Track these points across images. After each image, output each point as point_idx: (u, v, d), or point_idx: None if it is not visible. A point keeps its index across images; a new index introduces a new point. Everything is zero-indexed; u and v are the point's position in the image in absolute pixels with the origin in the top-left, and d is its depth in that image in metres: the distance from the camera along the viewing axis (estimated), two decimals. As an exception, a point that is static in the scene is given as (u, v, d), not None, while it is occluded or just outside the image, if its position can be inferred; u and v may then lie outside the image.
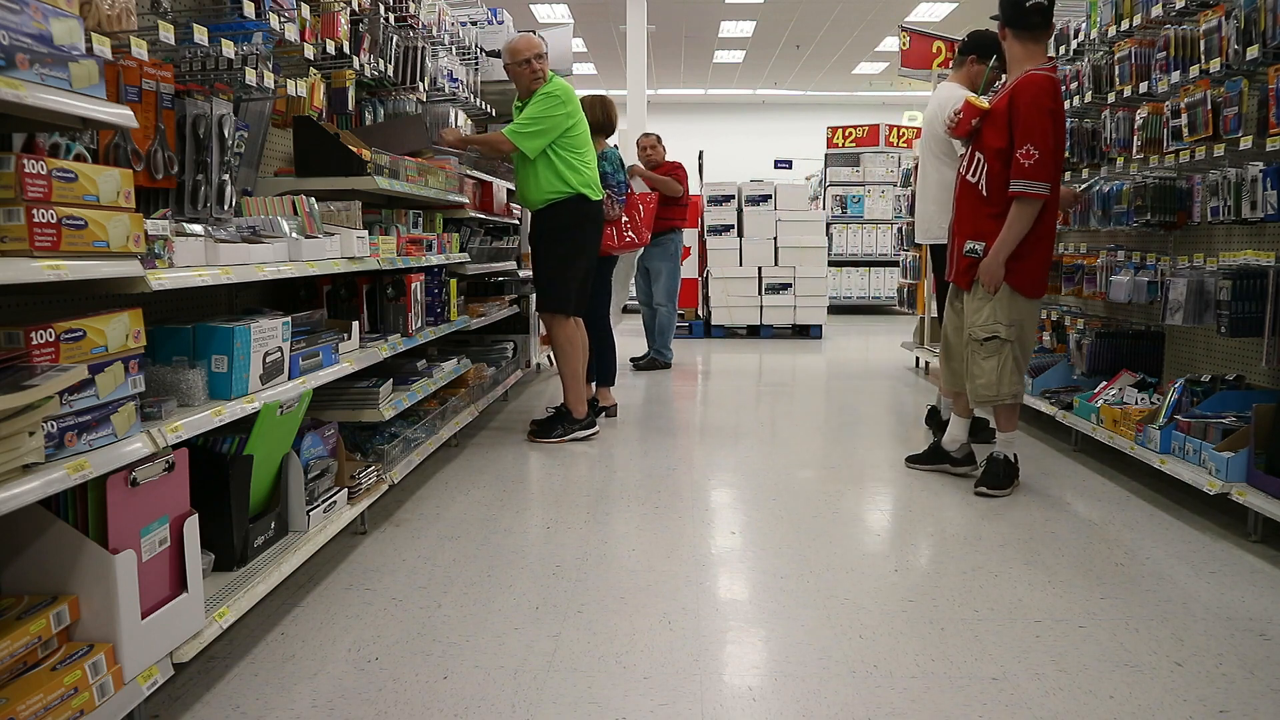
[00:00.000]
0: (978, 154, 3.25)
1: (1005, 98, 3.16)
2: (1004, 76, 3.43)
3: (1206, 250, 3.50)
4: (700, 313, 8.83)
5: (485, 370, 4.45)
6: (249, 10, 2.52)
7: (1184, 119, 3.32)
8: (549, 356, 6.70)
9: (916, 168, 4.71)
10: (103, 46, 1.79)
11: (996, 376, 3.23)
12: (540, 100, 3.99)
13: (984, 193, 3.22)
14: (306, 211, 2.64)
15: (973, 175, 3.26)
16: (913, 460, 3.71)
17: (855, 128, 11.79)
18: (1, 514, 1.34)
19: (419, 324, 3.46)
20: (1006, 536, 2.88)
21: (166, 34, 2.15)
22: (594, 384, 4.87)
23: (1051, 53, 4.66)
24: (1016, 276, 3.20)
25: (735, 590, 2.49)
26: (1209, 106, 3.18)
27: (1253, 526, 2.84)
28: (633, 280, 6.62)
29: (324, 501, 2.50)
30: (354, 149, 3.04)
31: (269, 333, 2.19)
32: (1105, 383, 3.94)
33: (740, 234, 8.76)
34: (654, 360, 6.67)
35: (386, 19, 3.62)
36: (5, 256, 1.44)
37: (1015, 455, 3.40)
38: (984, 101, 3.26)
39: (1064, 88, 4.42)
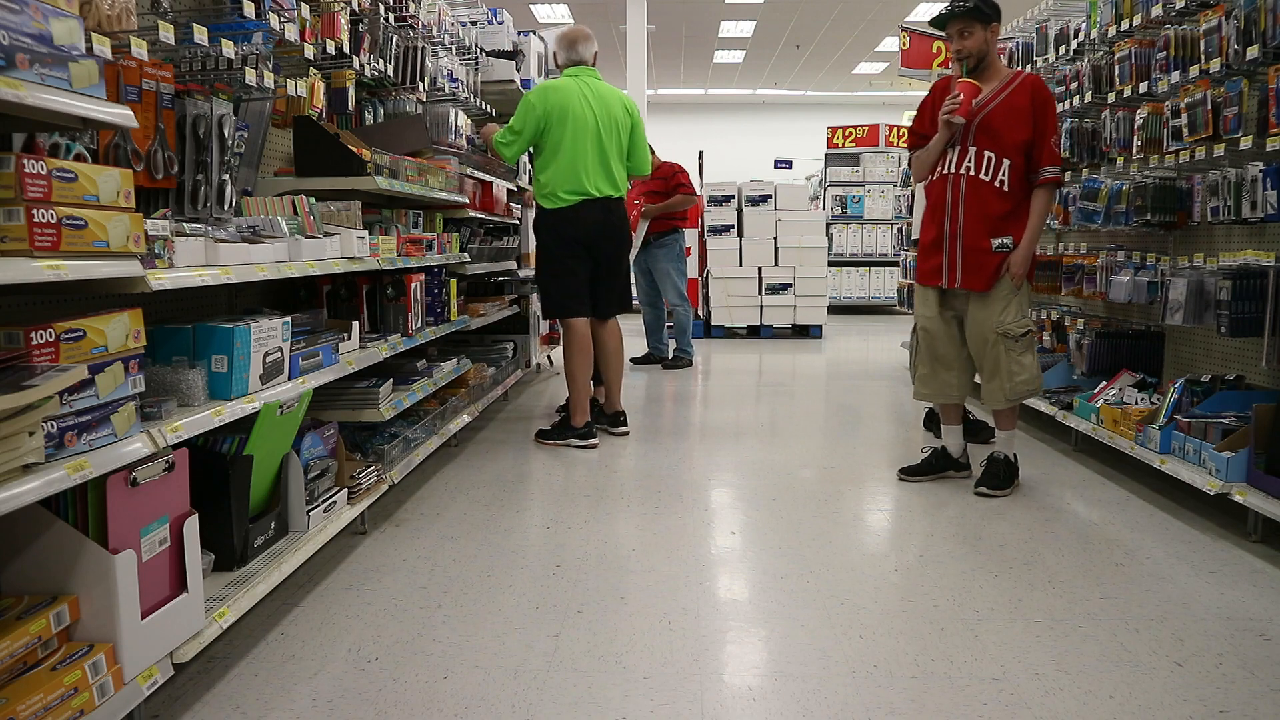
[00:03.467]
0: (988, 152, 3.18)
1: (1025, 92, 3.17)
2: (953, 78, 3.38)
3: (1206, 250, 3.49)
4: (700, 313, 8.83)
5: (485, 370, 4.45)
6: (249, 10, 2.52)
7: (1184, 119, 3.32)
8: (549, 357, 6.72)
9: None
10: (103, 46, 1.79)
11: (1036, 369, 3.27)
12: (519, 105, 4.03)
13: (1005, 189, 3.18)
14: (306, 211, 2.64)
15: (986, 174, 3.19)
16: (909, 473, 3.55)
17: (855, 128, 11.78)
18: (1, 514, 1.34)
19: (419, 324, 3.46)
20: (1006, 536, 2.88)
21: (166, 34, 2.15)
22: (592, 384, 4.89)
23: (1051, 53, 4.68)
24: (1031, 266, 3.26)
25: (735, 590, 2.49)
26: (1209, 106, 3.18)
27: (1253, 526, 2.84)
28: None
29: (324, 501, 2.50)
30: (354, 149, 3.04)
31: (269, 333, 2.19)
32: (1105, 383, 3.94)
33: (740, 234, 8.76)
34: (678, 358, 6.72)
35: (386, 19, 3.62)
36: (5, 256, 1.44)
37: (1015, 455, 3.40)
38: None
39: (1064, 88, 4.44)
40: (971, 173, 3.22)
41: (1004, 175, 3.17)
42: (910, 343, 3.55)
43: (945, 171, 3.27)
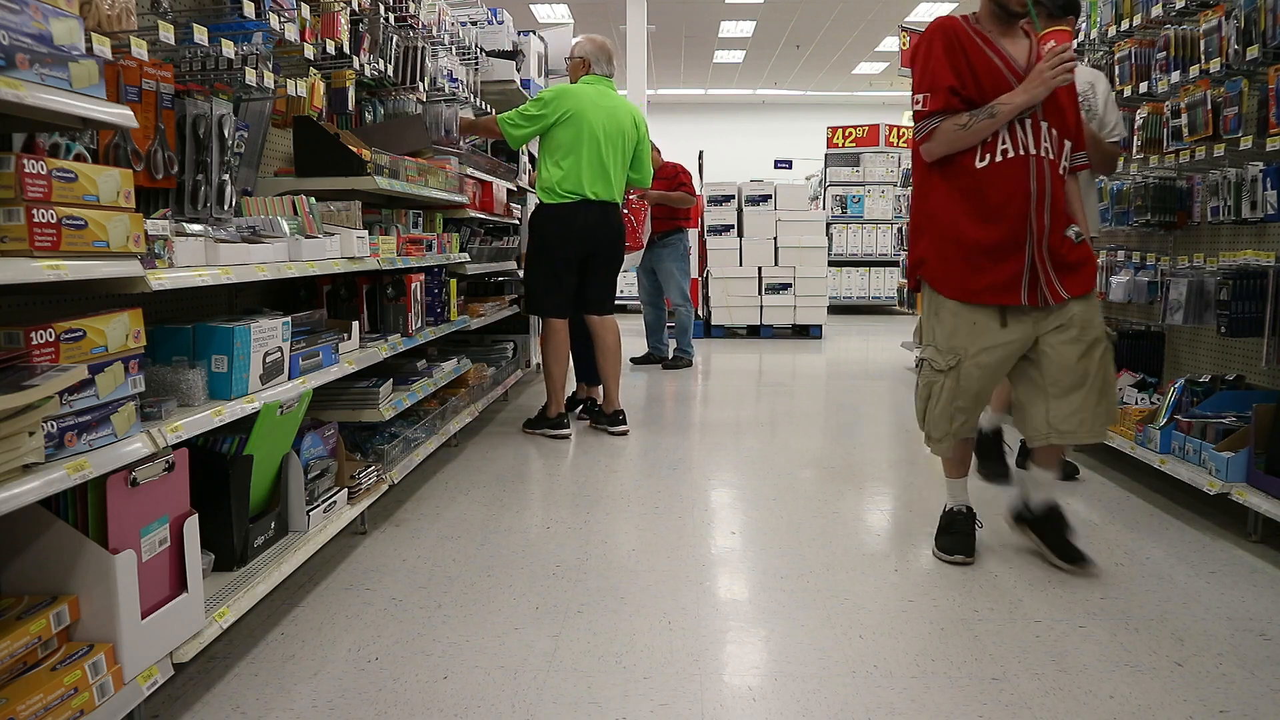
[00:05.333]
0: (1054, 130, 2.50)
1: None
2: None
3: (1206, 250, 3.50)
4: (700, 313, 8.84)
5: (485, 370, 4.45)
6: (249, 10, 2.52)
7: (1184, 119, 3.33)
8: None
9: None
10: (103, 46, 1.79)
11: None
12: (536, 96, 4.26)
13: (1065, 177, 2.56)
14: (306, 211, 2.64)
15: (1058, 155, 2.51)
16: (951, 551, 2.69)
17: (855, 128, 11.80)
18: (1, 514, 1.34)
19: (419, 324, 3.46)
20: (1006, 536, 2.88)
21: (166, 34, 2.15)
22: (584, 383, 4.90)
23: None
24: None
25: (735, 590, 2.49)
26: (1209, 106, 3.18)
27: (1253, 526, 2.84)
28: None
29: (324, 501, 2.50)
30: (354, 149, 3.04)
31: (269, 333, 2.19)
32: (1105, 383, 3.94)
33: (740, 234, 8.77)
34: (679, 358, 6.73)
35: (386, 19, 3.62)
36: (5, 256, 1.44)
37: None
38: None
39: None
40: (1051, 156, 2.49)
41: (1065, 161, 2.54)
42: (934, 389, 2.59)
43: (1019, 151, 2.46)
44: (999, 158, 2.48)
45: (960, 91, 2.47)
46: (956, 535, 2.70)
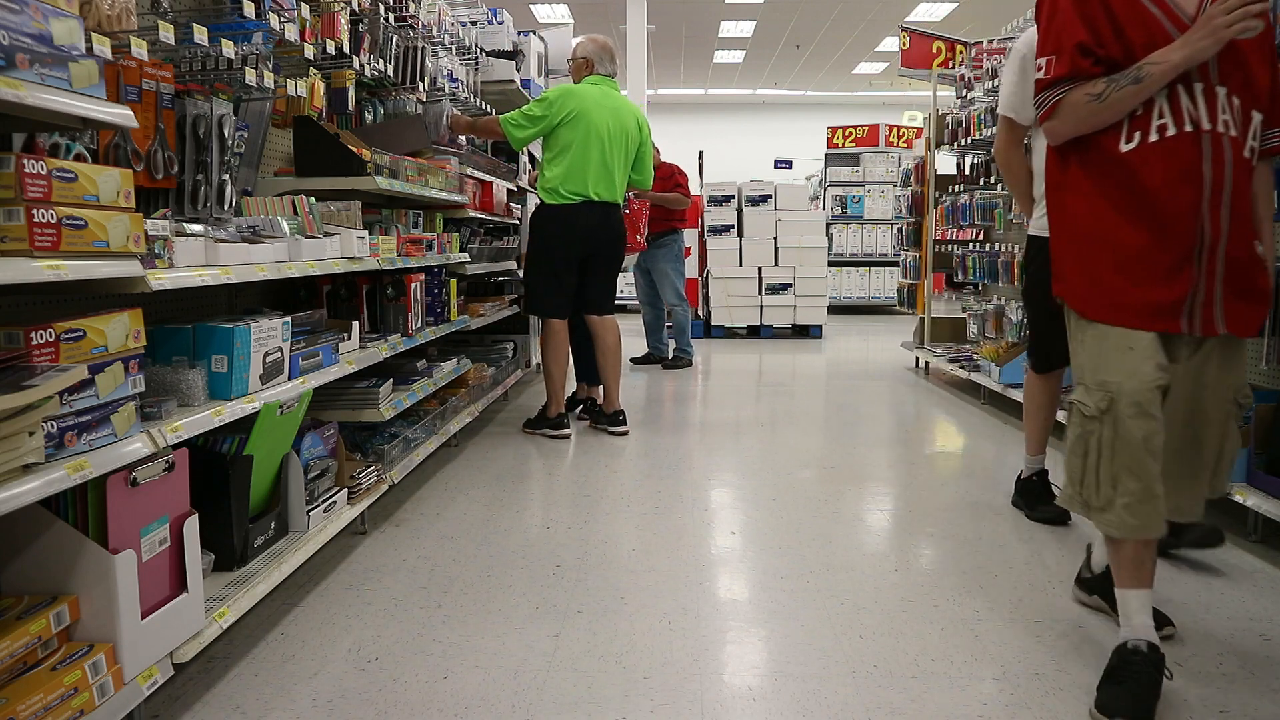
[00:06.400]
0: (1236, 99, 1.82)
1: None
2: None
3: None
4: (700, 313, 8.84)
5: (485, 370, 4.45)
6: (249, 10, 2.52)
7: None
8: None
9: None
10: (103, 46, 1.79)
11: None
12: (540, 97, 4.26)
13: (1253, 160, 1.87)
14: (306, 211, 2.64)
15: (1243, 132, 1.83)
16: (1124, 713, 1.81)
17: (855, 128, 11.81)
18: (1, 514, 1.34)
19: (419, 324, 3.46)
20: (1006, 536, 2.88)
21: (166, 34, 2.15)
22: (584, 383, 4.90)
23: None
24: None
25: (735, 590, 2.49)
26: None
27: (1253, 526, 2.84)
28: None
29: (324, 501, 2.50)
30: (354, 149, 3.04)
31: (269, 333, 2.19)
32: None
33: (740, 234, 8.77)
34: (678, 358, 6.74)
35: (386, 19, 3.62)
36: (5, 256, 1.44)
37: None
38: None
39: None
40: (1232, 133, 1.81)
41: (1253, 139, 1.86)
42: (1090, 442, 1.87)
43: (1184, 127, 1.80)
44: (1154, 136, 1.82)
45: (1095, 50, 1.83)
46: (1125, 687, 1.82)
